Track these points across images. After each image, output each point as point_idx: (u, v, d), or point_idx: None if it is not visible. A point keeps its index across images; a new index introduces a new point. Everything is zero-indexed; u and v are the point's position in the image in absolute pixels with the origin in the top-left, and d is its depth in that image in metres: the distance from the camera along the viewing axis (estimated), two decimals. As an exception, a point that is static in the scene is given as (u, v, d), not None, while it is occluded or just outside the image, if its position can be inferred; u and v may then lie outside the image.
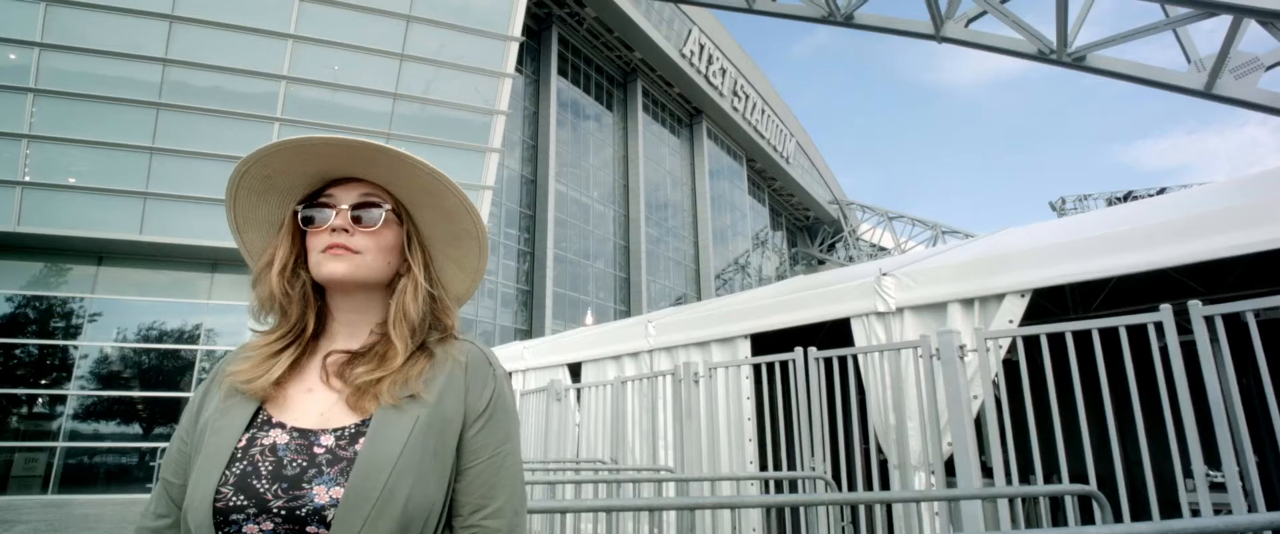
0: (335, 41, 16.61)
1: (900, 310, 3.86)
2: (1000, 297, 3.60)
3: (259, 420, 0.91)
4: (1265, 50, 11.91)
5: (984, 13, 15.14)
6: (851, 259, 42.95)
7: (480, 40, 16.87)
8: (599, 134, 30.56)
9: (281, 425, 0.90)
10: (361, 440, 0.88)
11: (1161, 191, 23.48)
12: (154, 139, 15.31)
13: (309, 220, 0.98)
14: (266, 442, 0.88)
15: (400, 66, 16.80)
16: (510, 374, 7.06)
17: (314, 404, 0.93)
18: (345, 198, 0.98)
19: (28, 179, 14.71)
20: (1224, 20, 11.39)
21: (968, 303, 3.70)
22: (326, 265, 0.94)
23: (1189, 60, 13.02)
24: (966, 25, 15.62)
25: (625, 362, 5.53)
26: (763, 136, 38.89)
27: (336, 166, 0.98)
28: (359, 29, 16.74)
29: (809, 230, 49.08)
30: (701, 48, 32.01)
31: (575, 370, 6.22)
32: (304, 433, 0.90)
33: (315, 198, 0.99)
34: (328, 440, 0.89)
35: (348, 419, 0.91)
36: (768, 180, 43.58)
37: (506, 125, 18.26)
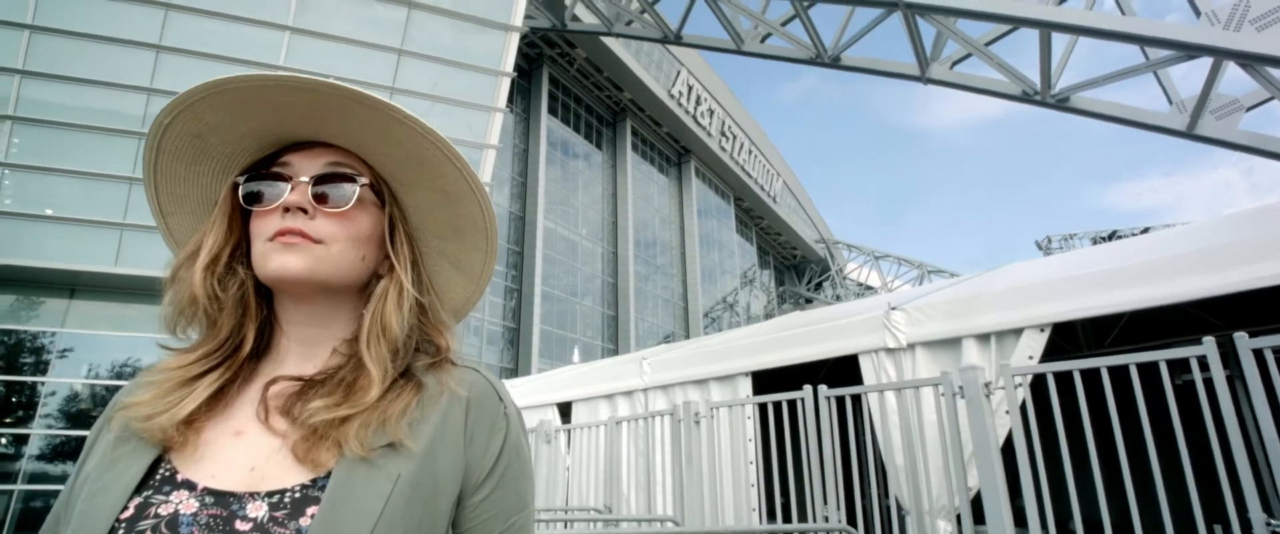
0: (326, 74, 16.52)
1: (911, 346, 3.66)
2: (1018, 331, 3.42)
3: (157, 478, 0.63)
4: (1244, 92, 12.13)
5: (969, 55, 15.41)
6: (839, 297, 42.94)
7: (472, 75, 16.92)
8: (588, 172, 30.62)
9: (189, 485, 0.63)
10: (312, 510, 0.61)
11: (1145, 231, 23.76)
12: (134, 169, 15.02)
13: (254, 197, 0.71)
14: (164, 510, 0.60)
15: (390, 100, 16.68)
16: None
17: (242, 454, 0.65)
18: (306, 167, 0.72)
19: (3, 209, 14.34)
20: (1204, 64, 11.61)
21: (983, 338, 3.51)
22: (274, 258, 0.68)
23: (1171, 101, 13.24)
24: (951, 67, 15.88)
25: (618, 401, 5.27)
26: (750, 176, 39.19)
27: (294, 123, 0.72)
28: (351, 63, 16.73)
29: (796, 269, 49.17)
30: (690, 89, 32.42)
31: (565, 411, 5.93)
32: (223, 498, 0.62)
33: (266, 167, 0.73)
34: (258, 510, 0.61)
35: (293, 477, 0.63)
36: (755, 219, 43.78)
37: (496, 162, 18.18)
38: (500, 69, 16.81)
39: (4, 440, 15.17)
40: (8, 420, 15.20)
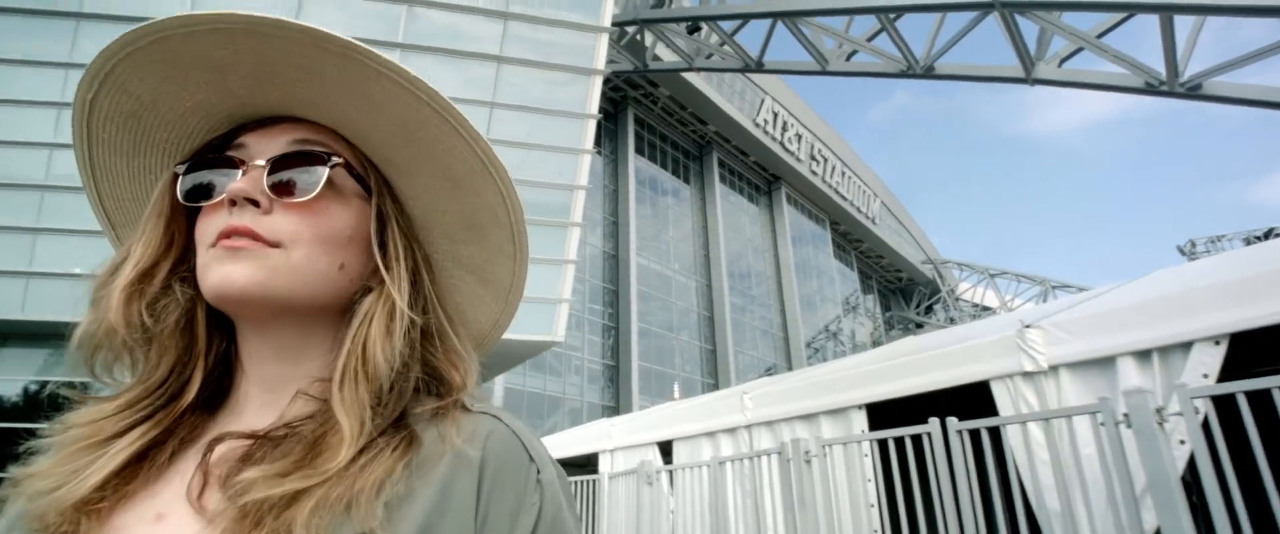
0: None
1: (1054, 369, 3.20)
2: (1186, 345, 2.91)
3: None
4: None
5: (1079, 50, 14.28)
6: (953, 320, 40.36)
7: (560, 121, 17.46)
8: (677, 207, 30.72)
9: None
10: None
11: (1315, 227, 20.88)
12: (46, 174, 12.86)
13: (199, 190, 0.54)
14: None
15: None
16: (594, 456, 6.63)
17: None
18: (264, 148, 0.55)
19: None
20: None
21: (1143, 355, 3.02)
22: (214, 270, 0.51)
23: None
24: (1060, 65, 14.75)
25: (721, 439, 4.99)
26: (845, 198, 37.98)
27: (248, 89, 0.55)
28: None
29: (903, 292, 46.79)
30: (775, 116, 32.08)
31: (666, 449, 5.71)
32: None
33: (216, 151, 0.56)
34: None
35: None
36: (854, 243, 42.22)
37: (587, 204, 18.55)
38: (586, 112, 17.25)
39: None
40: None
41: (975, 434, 2.87)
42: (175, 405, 0.54)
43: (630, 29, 18.80)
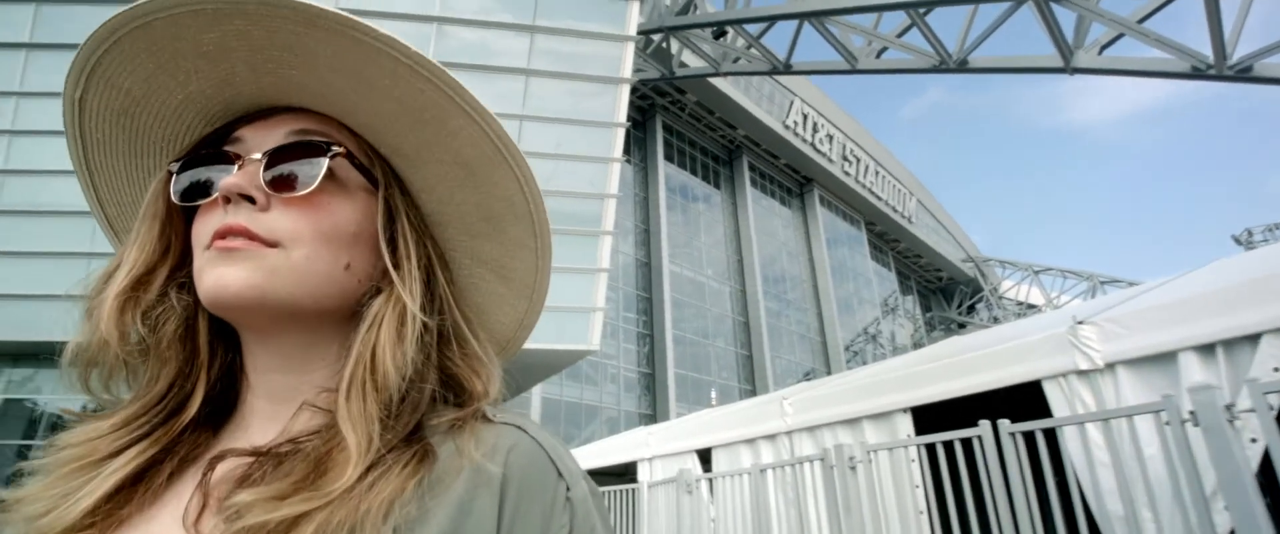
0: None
1: (1110, 366, 3.06)
2: (1254, 338, 2.75)
3: None
4: None
5: (1119, 36, 13.81)
6: (996, 319, 39.27)
7: (589, 131, 17.56)
8: (709, 213, 30.59)
9: None
10: None
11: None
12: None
13: (195, 189, 0.51)
14: None
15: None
16: (633, 465, 6.58)
17: None
18: (261, 140, 0.52)
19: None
20: None
21: (1206, 350, 2.87)
22: (209, 273, 0.48)
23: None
24: (1100, 52, 14.28)
25: (761, 445, 4.91)
26: (879, 198, 37.35)
27: (242, 78, 0.51)
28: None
29: (944, 292, 45.76)
30: (805, 117, 31.77)
31: (705, 457, 5.64)
32: None
33: (213, 146, 0.53)
34: None
35: None
36: (891, 243, 41.47)
37: (618, 212, 18.58)
38: (614, 121, 17.32)
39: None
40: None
41: (1030, 436, 2.75)
42: (175, 421, 0.51)
43: (656, 37, 18.84)
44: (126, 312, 0.49)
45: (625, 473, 6.65)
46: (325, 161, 0.50)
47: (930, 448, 3.12)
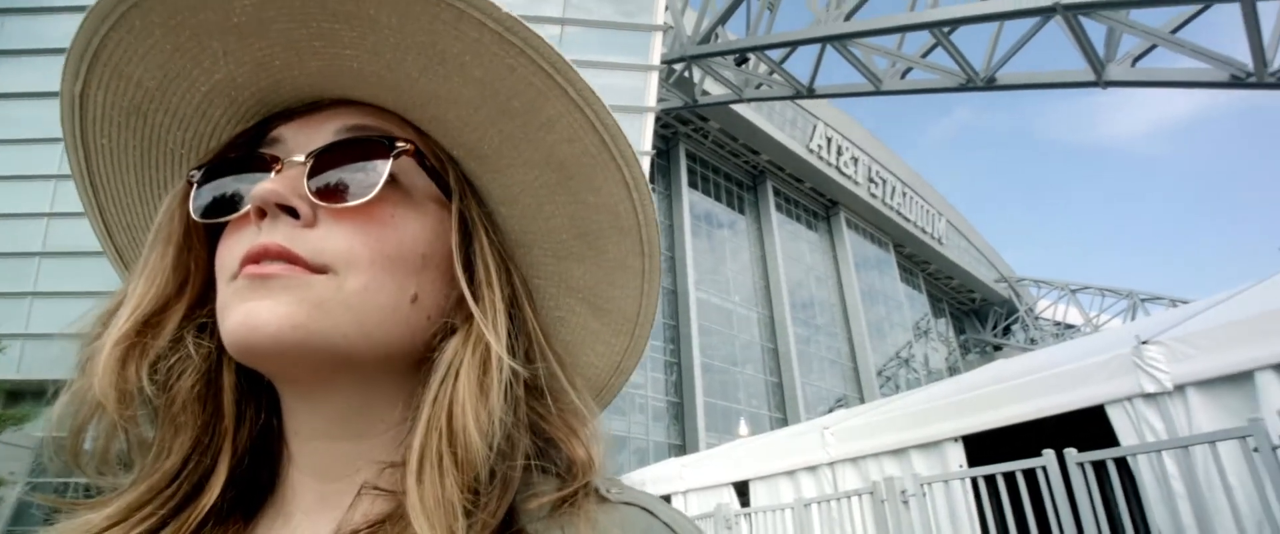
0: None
1: (1180, 388, 2.87)
2: (1342, 357, 2.55)
3: None
4: None
5: (1152, 47, 13.52)
6: (1033, 341, 38.17)
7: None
8: (734, 239, 30.44)
9: None
10: None
11: None
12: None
13: (221, 204, 0.40)
14: None
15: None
16: (665, 500, 6.38)
17: None
18: (305, 139, 0.41)
19: None
20: None
21: (1288, 370, 2.66)
22: (234, 309, 0.37)
23: None
24: (1133, 64, 13.98)
25: (801, 478, 4.72)
26: (907, 219, 36.85)
27: (281, 61, 0.40)
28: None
29: (977, 314, 44.70)
30: (829, 141, 31.65)
31: (742, 490, 5.45)
32: None
33: (244, 149, 0.43)
34: None
35: None
36: (920, 265, 40.77)
37: (643, 239, 18.53)
38: (640, 149, 17.45)
39: None
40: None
41: (1100, 466, 2.57)
42: (192, 510, 0.39)
43: (678, 66, 18.97)
44: (130, 363, 0.38)
45: (659, 507, 6.45)
46: (387, 164, 0.39)
47: (990, 480, 2.94)
